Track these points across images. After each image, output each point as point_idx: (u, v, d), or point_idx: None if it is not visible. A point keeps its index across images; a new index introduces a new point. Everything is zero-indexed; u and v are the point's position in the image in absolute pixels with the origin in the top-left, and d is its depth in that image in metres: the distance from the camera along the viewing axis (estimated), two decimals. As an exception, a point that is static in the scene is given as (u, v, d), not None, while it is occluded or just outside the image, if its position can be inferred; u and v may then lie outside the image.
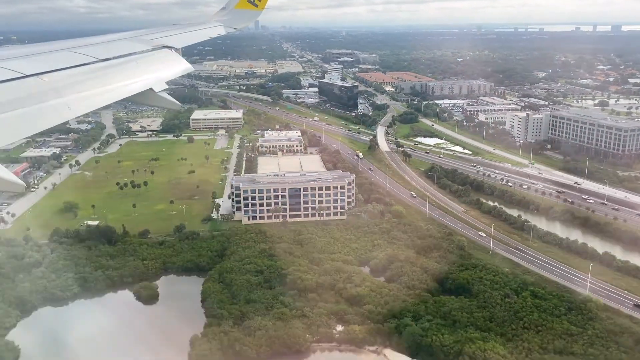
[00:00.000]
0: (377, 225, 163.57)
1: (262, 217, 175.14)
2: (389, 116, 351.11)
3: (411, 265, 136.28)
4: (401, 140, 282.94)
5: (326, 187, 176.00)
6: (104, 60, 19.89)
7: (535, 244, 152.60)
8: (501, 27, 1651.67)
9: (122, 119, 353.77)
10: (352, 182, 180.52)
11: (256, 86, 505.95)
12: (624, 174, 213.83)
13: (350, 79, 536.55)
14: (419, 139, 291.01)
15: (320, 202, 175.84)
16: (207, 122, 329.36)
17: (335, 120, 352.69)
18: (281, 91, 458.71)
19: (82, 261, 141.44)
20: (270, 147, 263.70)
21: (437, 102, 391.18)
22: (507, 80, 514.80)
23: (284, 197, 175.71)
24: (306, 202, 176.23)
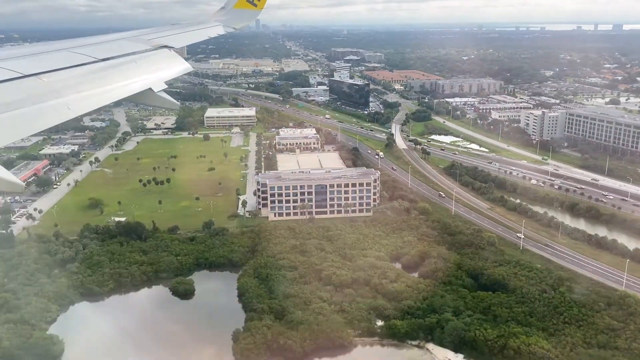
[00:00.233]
0: (405, 222, 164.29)
1: (288, 214, 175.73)
2: (401, 114, 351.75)
3: (444, 261, 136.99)
4: (416, 137, 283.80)
5: (352, 184, 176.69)
6: (103, 60, 19.83)
7: (564, 240, 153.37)
8: (502, 26, 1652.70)
9: (135, 116, 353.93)
10: (377, 179, 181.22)
11: (265, 84, 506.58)
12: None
13: (357, 78, 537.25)
14: (434, 137, 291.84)
15: (346, 198, 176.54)
16: (220, 120, 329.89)
17: (347, 118, 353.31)
18: (290, 89, 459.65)
19: (115, 257, 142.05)
20: (287, 144, 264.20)
21: (448, 100, 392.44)
22: (515, 78, 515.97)
23: (310, 193, 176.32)
24: (332, 199, 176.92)
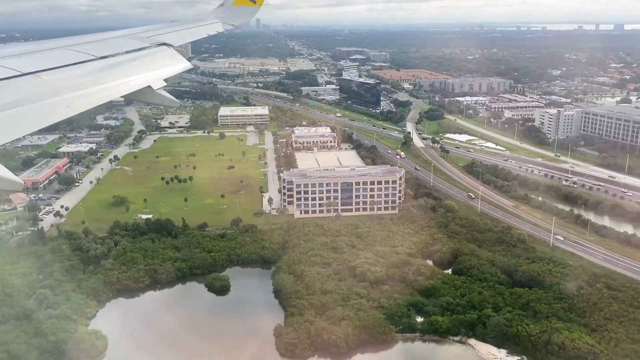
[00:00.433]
0: (432, 219, 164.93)
1: (314, 211, 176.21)
2: (414, 113, 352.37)
3: (477, 258, 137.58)
4: (431, 136, 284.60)
5: (377, 182, 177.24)
6: (102, 58, 19.72)
7: (592, 237, 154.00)
8: (503, 26, 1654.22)
9: (148, 114, 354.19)
10: (402, 176, 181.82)
11: (274, 83, 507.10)
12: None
13: (364, 77, 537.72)
14: (449, 135, 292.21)
15: (371, 196, 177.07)
16: (234, 119, 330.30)
17: (358, 116, 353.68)
18: (300, 88, 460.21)
19: (149, 253, 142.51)
20: (304, 143, 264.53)
21: (459, 99, 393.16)
22: (523, 78, 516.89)
23: (336, 191, 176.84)
24: (357, 197, 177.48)
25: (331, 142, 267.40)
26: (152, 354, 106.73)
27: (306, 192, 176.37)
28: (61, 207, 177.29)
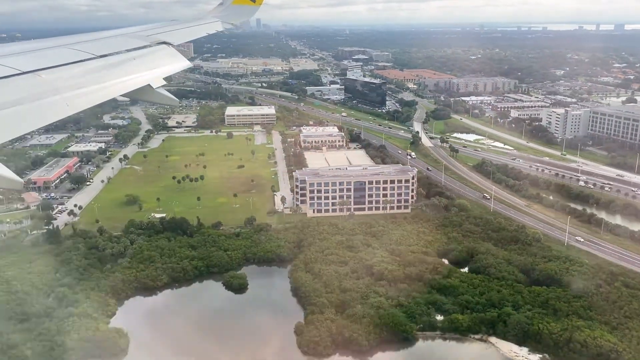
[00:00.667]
0: (446, 218, 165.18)
1: (327, 210, 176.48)
2: (420, 112, 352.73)
3: (493, 257, 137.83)
4: (438, 136, 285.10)
5: (390, 181, 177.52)
6: (102, 56, 19.57)
7: (607, 236, 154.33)
8: (503, 26, 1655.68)
9: (154, 114, 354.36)
10: (414, 176, 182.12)
11: (278, 83, 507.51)
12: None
13: (367, 76, 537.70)
14: (456, 135, 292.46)
15: (384, 195, 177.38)
16: (241, 119, 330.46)
17: (363, 116, 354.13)
18: (304, 88, 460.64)
19: (165, 252, 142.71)
20: (312, 142, 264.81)
21: (464, 98, 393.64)
22: (527, 77, 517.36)
23: (349, 190, 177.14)
24: (370, 196, 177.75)
25: (339, 141, 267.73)
26: (175, 352, 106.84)
27: (319, 191, 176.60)
28: (74, 206, 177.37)
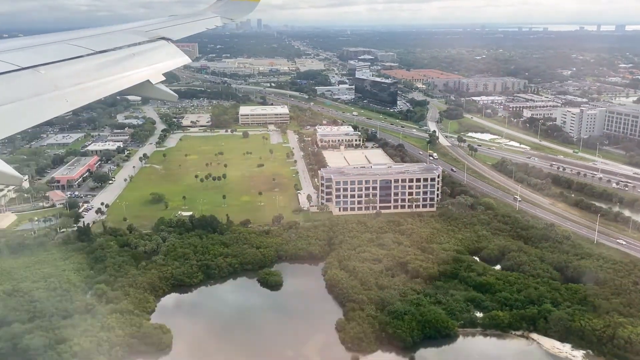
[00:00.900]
0: (474, 216, 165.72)
1: (353, 209, 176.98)
2: (433, 112, 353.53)
3: (526, 254, 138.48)
4: (453, 135, 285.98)
5: (417, 179, 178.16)
6: (101, 52, 19.49)
7: (635, 234, 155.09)
8: (504, 27, 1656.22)
9: (166, 113, 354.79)
10: (440, 174, 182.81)
11: (287, 83, 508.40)
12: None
13: (375, 76, 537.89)
14: (471, 134, 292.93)
15: (410, 194, 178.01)
16: (254, 118, 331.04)
17: (375, 115, 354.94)
18: (314, 88, 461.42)
19: (199, 249, 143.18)
20: (329, 141, 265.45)
21: (475, 98, 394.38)
22: (535, 77, 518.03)
23: (375, 188, 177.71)
24: (396, 194, 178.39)
25: (356, 140, 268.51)
26: (218, 348, 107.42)
27: (345, 190, 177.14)
28: (101, 204, 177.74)
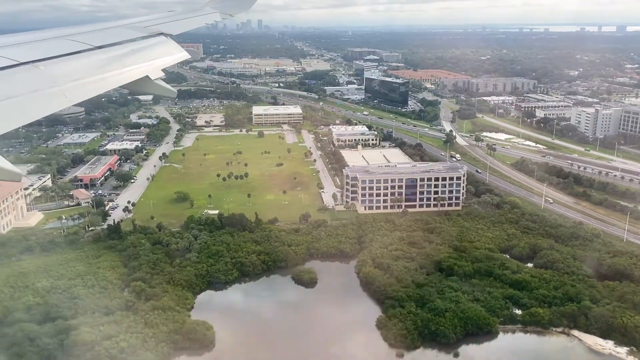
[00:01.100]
0: (501, 215, 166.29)
1: (378, 207, 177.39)
2: (446, 111, 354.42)
3: (558, 252, 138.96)
4: (467, 134, 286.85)
5: (442, 178, 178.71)
6: (100, 47, 19.40)
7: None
8: (505, 27, 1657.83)
9: (180, 113, 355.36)
10: (465, 173, 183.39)
11: (296, 83, 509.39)
12: None
13: (382, 76, 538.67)
14: (486, 134, 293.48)
15: (435, 192, 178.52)
16: (268, 118, 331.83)
17: (386, 115, 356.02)
18: (323, 88, 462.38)
19: (232, 247, 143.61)
20: (346, 140, 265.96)
21: (485, 98, 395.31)
22: (543, 78, 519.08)
23: (400, 187, 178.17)
24: (421, 193, 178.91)
25: (373, 140, 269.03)
26: (261, 344, 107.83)
27: (371, 188, 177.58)
28: (128, 202, 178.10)
